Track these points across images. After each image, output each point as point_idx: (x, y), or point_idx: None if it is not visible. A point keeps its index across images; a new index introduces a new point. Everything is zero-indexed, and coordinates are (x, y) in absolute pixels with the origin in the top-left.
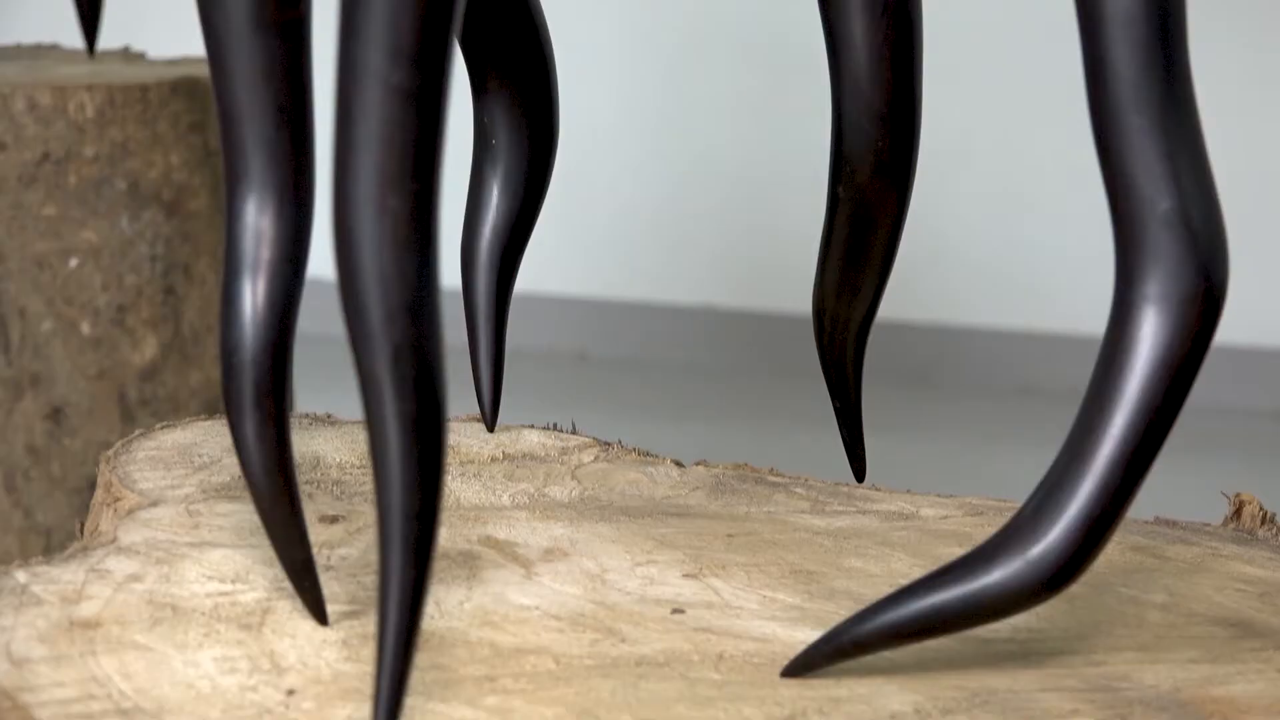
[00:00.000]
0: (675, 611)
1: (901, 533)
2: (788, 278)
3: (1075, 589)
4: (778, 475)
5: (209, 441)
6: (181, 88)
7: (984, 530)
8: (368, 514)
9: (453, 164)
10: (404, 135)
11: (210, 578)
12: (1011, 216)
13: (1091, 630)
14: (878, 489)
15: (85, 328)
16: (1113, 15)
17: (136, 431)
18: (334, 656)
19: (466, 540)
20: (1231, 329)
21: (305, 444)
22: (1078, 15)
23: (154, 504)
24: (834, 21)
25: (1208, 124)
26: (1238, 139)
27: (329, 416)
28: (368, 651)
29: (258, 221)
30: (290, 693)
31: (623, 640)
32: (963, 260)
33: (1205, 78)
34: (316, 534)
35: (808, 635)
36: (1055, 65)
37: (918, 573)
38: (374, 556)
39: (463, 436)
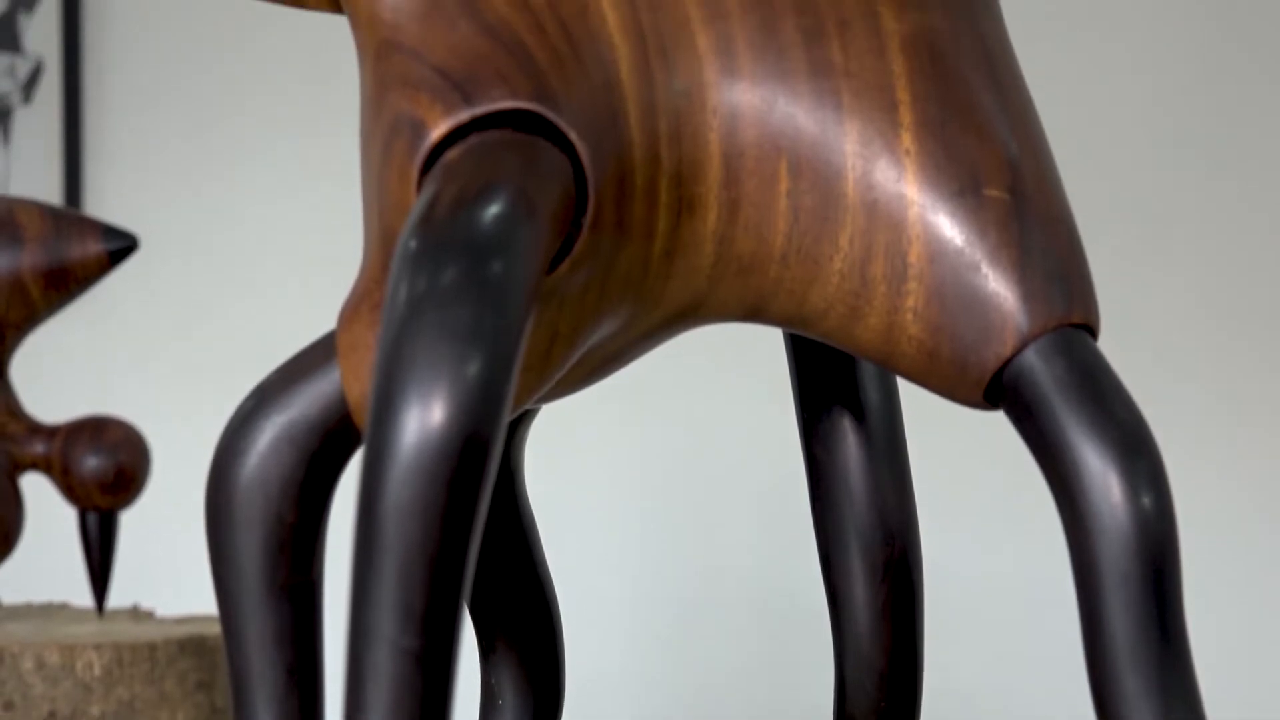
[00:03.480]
0: None
1: None
2: None
3: None
4: None
5: None
6: (189, 646)
7: None
8: None
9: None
10: (412, 698)
11: None
12: None
13: None
14: None
15: None
16: (1107, 574)
17: None
18: None
19: None
20: None
21: None
22: (1073, 572)
23: None
24: (835, 583)
25: (1203, 674)
26: (1231, 690)
27: None
28: None
29: None
30: None
31: None
32: None
33: (1202, 631)
34: None
35: None
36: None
37: None
38: None
39: None
